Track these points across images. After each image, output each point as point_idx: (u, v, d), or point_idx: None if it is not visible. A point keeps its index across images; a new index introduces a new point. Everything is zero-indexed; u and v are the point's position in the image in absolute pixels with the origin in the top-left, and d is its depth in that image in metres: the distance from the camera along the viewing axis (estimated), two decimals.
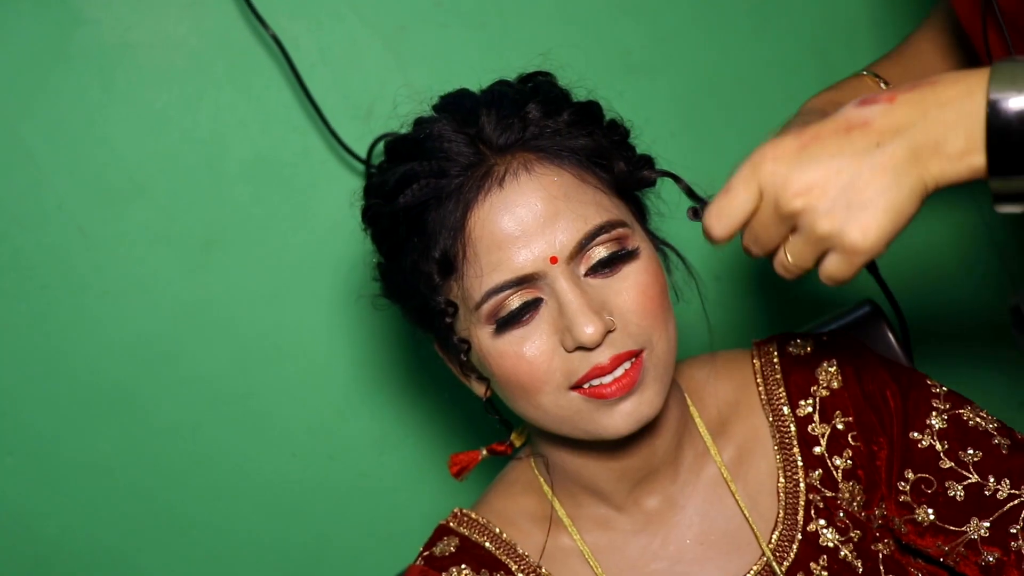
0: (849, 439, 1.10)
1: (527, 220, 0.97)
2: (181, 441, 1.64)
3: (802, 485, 1.11)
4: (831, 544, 1.10)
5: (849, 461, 1.10)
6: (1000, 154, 0.77)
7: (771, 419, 1.13)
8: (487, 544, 1.12)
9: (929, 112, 0.80)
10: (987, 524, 1.06)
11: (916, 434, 1.09)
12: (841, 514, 1.10)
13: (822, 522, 1.10)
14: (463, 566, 1.10)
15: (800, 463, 1.11)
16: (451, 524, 1.15)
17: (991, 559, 1.05)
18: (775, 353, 1.15)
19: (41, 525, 1.63)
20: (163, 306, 1.59)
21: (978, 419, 1.09)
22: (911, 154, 0.80)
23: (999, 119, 0.76)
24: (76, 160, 1.54)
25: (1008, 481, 1.05)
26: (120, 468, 1.63)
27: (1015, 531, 1.04)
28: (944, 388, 1.12)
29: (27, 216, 1.54)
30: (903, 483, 1.09)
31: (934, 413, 1.09)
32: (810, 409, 1.12)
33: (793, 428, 1.12)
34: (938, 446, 1.08)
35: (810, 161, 0.83)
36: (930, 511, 1.08)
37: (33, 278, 1.56)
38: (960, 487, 1.07)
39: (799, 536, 1.10)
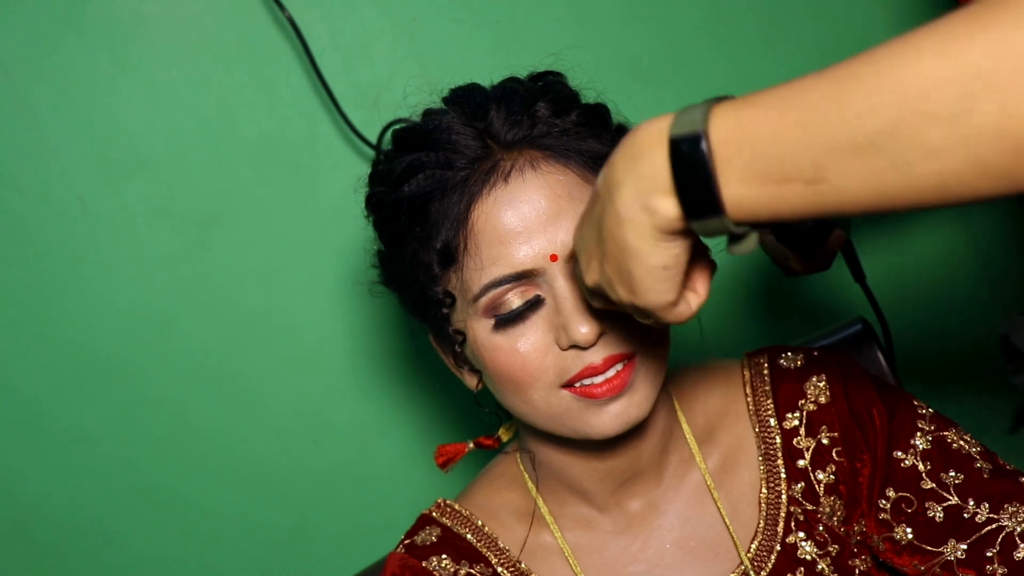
0: (833, 454, 1.11)
1: (530, 217, 0.98)
2: (168, 415, 1.64)
3: (784, 497, 1.12)
4: (809, 557, 1.11)
5: (832, 476, 1.11)
6: (688, 196, 0.73)
7: (757, 430, 1.14)
8: (468, 536, 1.13)
9: (631, 167, 0.77)
10: (964, 546, 1.06)
11: (900, 453, 1.10)
12: (821, 528, 1.11)
13: (801, 535, 1.11)
14: (443, 556, 1.11)
15: (783, 475, 1.12)
16: (434, 514, 1.16)
17: None
18: (765, 365, 1.16)
19: (21, 490, 1.64)
20: (159, 280, 1.60)
21: (962, 442, 1.10)
22: (627, 219, 0.77)
23: (679, 162, 0.73)
24: (81, 130, 1.54)
25: (987, 505, 1.06)
26: (105, 438, 1.63)
27: (991, 555, 1.05)
28: (930, 410, 1.13)
29: (28, 182, 1.54)
30: (884, 501, 1.10)
31: (919, 434, 1.10)
32: (796, 422, 1.13)
33: (779, 440, 1.13)
34: (921, 466, 1.09)
35: (579, 241, 0.87)
36: (909, 530, 1.09)
37: (30, 244, 1.56)
38: (940, 508, 1.08)
39: (778, 547, 1.11)
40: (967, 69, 0.63)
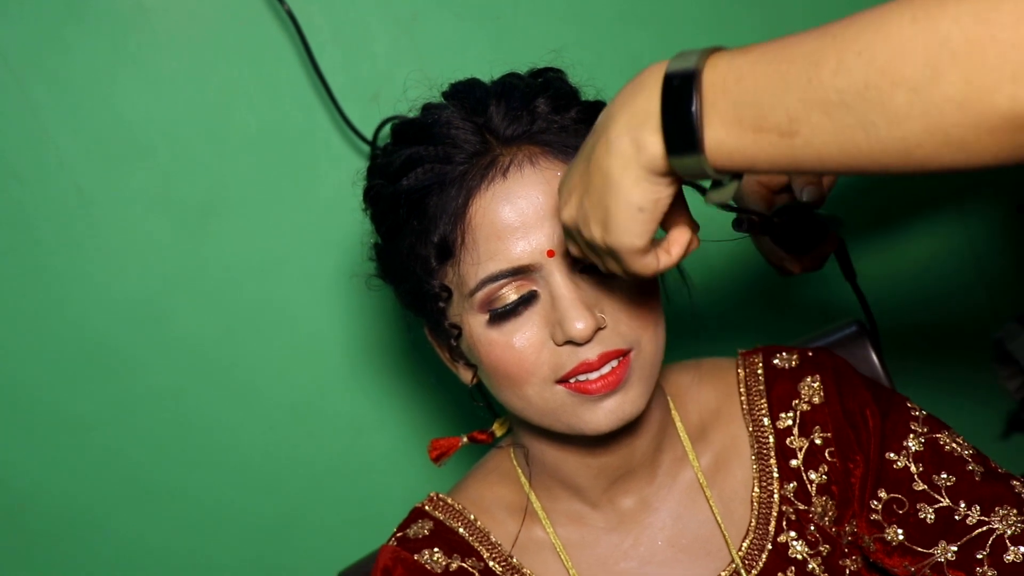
0: (826, 455, 1.12)
1: (528, 212, 0.98)
2: (162, 405, 1.64)
3: (776, 496, 1.12)
4: (800, 556, 1.11)
5: (824, 476, 1.12)
6: (671, 130, 0.76)
7: (751, 429, 1.14)
8: (461, 530, 1.13)
9: (626, 102, 0.80)
10: (954, 548, 1.07)
11: (892, 455, 1.10)
12: (812, 527, 1.12)
13: (793, 534, 1.11)
14: (435, 549, 1.11)
15: (776, 474, 1.13)
16: (426, 508, 1.16)
17: None
18: (760, 364, 1.17)
19: (13, 478, 1.63)
20: (156, 270, 1.60)
21: (954, 444, 1.11)
22: (615, 149, 0.80)
23: (669, 95, 0.76)
24: (80, 119, 1.54)
25: (978, 508, 1.07)
26: (99, 427, 1.63)
27: (981, 557, 1.06)
28: (923, 412, 1.14)
29: (26, 170, 1.54)
30: (875, 502, 1.10)
31: (911, 435, 1.11)
32: (790, 422, 1.13)
33: (772, 440, 1.13)
34: (913, 468, 1.10)
35: (567, 176, 0.88)
36: (900, 531, 1.09)
37: (27, 232, 1.56)
38: (931, 510, 1.08)
39: (769, 546, 1.11)
40: (935, 37, 0.64)
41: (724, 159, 0.75)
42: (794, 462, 1.12)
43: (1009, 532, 1.06)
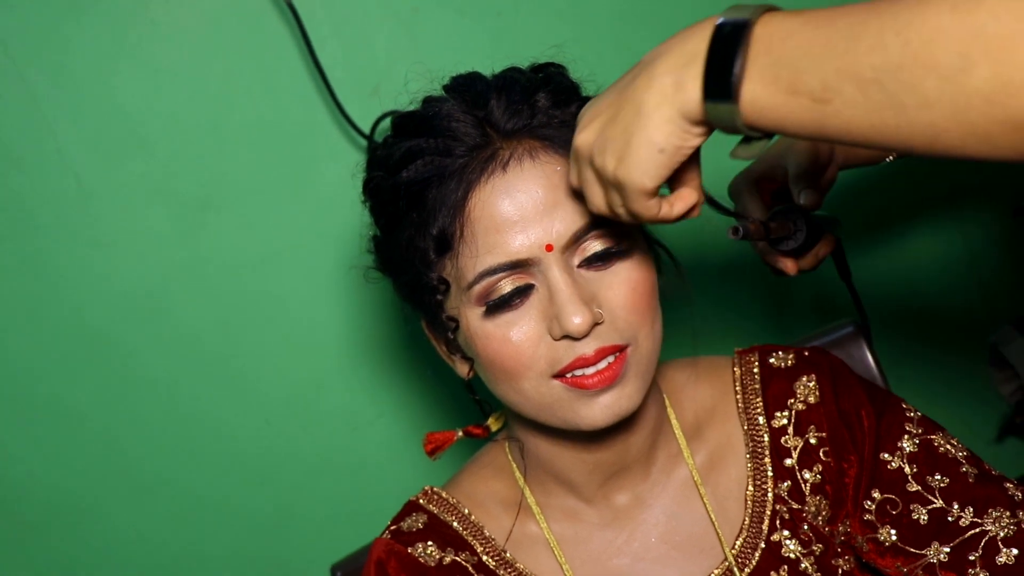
0: (820, 454, 1.12)
1: (527, 206, 0.98)
2: (158, 397, 1.64)
3: (770, 495, 1.12)
4: (793, 555, 1.11)
5: (818, 476, 1.12)
6: (711, 74, 0.77)
7: (746, 427, 1.14)
8: (455, 524, 1.13)
9: (675, 42, 0.81)
10: (947, 549, 1.07)
11: (886, 455, 1.11)
12: (805, 527, 1.12)
13: (786, 533, 1.12)
14: (429, 543, 1.11)
15: (770, 473, 1.13)
16: (421, 501, 1.16)
17: None
18: (756, 363, 1.17)
19: (8, 467, 1.64)
20: (153, 261, 1.60)
21: (948, 446, 1.11)
22: (655, 85, 0.80)
23: (718, 40, 0.77)
24: (80, 108, 1.54)
25: (972, 509, 1.07)
26: (94, 417, 1.63)
27: (973, 558, 1.06)
28: (918, 413, 1.14)
29: (25, 158, 1.54)
30: (869, 502, 1.11)
31: (906, 436, 1.11)
32: (785, 421, 1.14)
33: (767, 438, 1.13)
34: (907, 469, 1.10)
35: (595, 101, 0.88)
36: (893, 532, 1.09)
37: (25, 220, 1.56)
38: (924, 511, 1.08)
39: (762, 544, 1.11)
40: (970, 29, 0.65)
41: (756, 115, 0.76)
42: (789, 461, 1.13)
43: (1002, 534, 1.06)
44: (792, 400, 1.14)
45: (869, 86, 0.69)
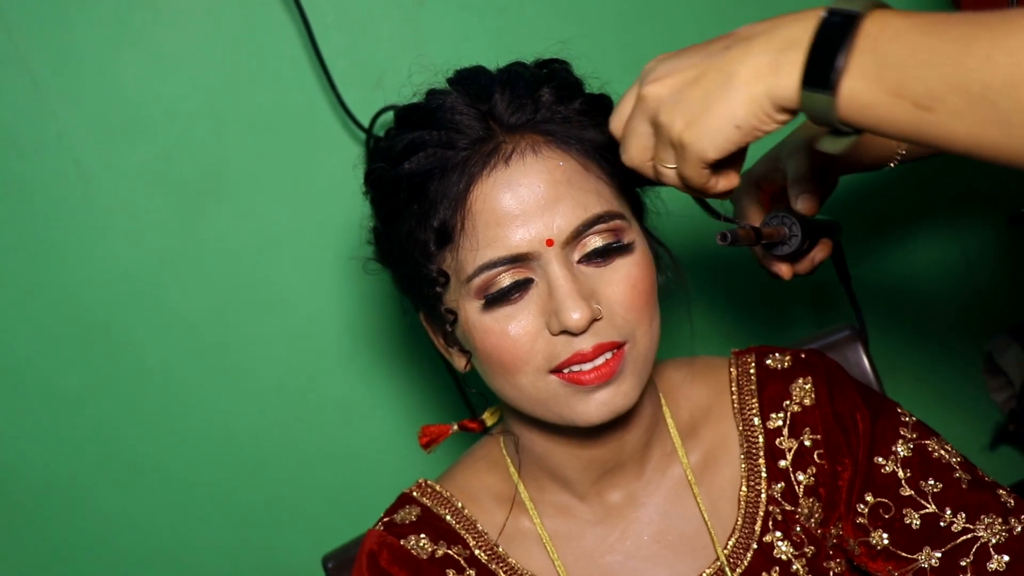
0: (815, 456, 1.12)
1: (528, 200, 0.98)
2: (152, 383, 1.64)
3: (763, 496, 1.12)
4: (784, 557, 1.11)
5: (812, 478, 1.12)
6: (814, 62, 0.76)
7: (741, 428, 1.14)
8: (448, 517, 1.13)
9: (780, 25, 0.80)
10: (938, 555, 1.07)
11: (880, 459, 1.11)
12: (798, 528, 1.12)
13: (778, 534, 1.12)
14: (422, 535, 1.11)
15: (764, 474, 1.13)
16: (414, 494, 1.16)
17: None
18: (752, 364, 1.17)
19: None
20: (151, 247, 1.60)
21: (942, 451, 1.11)
22: (750, 61, 0.79)
23: (825, 28, 0.76)
24: (81, 93, 1.54)
25: (964, 515, 1.07)
26: (87, 401, 1.63)
27: (964, 564, 1.06)
28: (913, 418, 1.14)
29: (25, 142, 1.54)
30: (862, 505, 1.11)
31: (900, 441, 1.11)
32: (780, 423, 1.14)
33: (761, 439, 1.14)
34: (900, 473, 1.10)
35: (674, 59, 0.85)
36: (885, 536, 1.10)
37: (23, 203, 1.56)
38: (917, 516, 1.08)
39: (754, 545, 1.11)
40: None
41: (853, 111, 0.76)
42: (783, 463, 1.13)
43: (993, 541, 1.06)
44: (788, 402, 1.14)
45: (977, 101, 0.69)
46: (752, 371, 1.16)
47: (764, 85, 0.79)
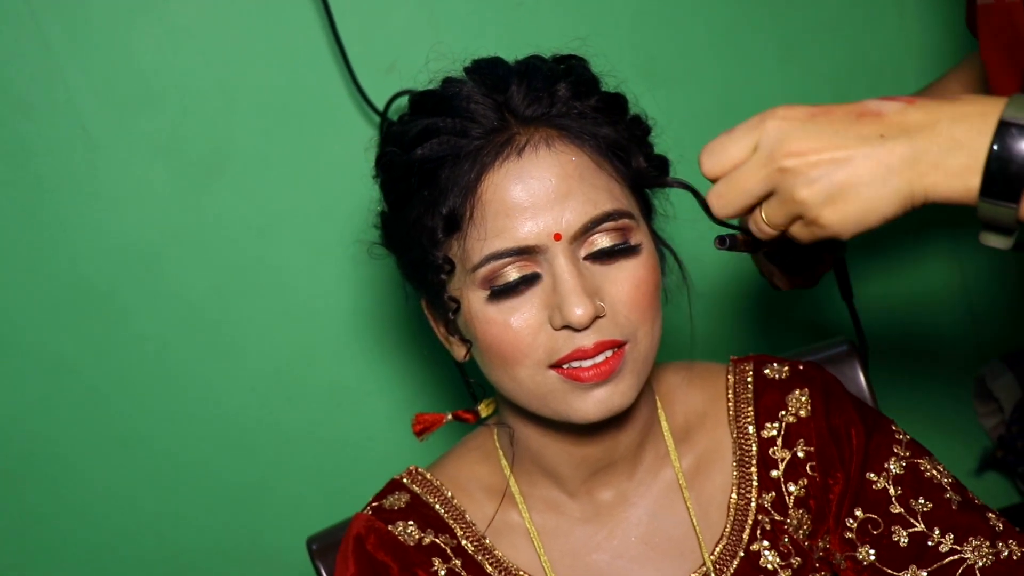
0: (807, 468, 1.12)
1: (539, 193, 0.98)
2: (145, 355, 1.64)
3: (753, 504, 1.12)
4: (770, 567, 1.11)
5: (803, 489, 1.12)
6: (996, 175, 0.77)
7: (735, 435, 1.14)
8: (437, 506, 1.13)
9: (941, 122, 0.80)
10: (924, 574, 1.07)
11: (872, 475, 1.11)
12: (786, 539, 1.12)
13: (766, 544, 1.12)
14: (410, 522, 1.11)
15: (755, 483, 1.13)
16: (404, 480, 1.16)
17: None
18: (750, 372, 1.17)
19: None
20: (153, 219, 1.59)
21: (935, 471, 1.11)
22: (911, 157, 0.80)
23: (1004, 141, 0.77)
24: (92, 59, 1.53)
25: (952, 536, 1.07)
26: (80, 370, 1.62)
27: None
28: (907, 436, 1.14)
29: (33, 105, 1.53)
30: (851, 520, 1.11)
31: (893, 458, 1.11)
32: (774, 433, 1.14)
33: (755, 448, 1.14)
34: (891, 490, 1.10)
35: (814, 130, 0.84)
36: (872, 552, 1.10)
37: (28, 167, 1.55)
38: (905, 533, 1.09)
39: (741, 553, 1.11)
40: None
41: None
42: (775, 472, 1.13)
43: (980, 563, 1.06)
44: (783, 412, 1.14)
45: None
46: (749, 379, 1.16)
47: (923, 186, 0.80)
